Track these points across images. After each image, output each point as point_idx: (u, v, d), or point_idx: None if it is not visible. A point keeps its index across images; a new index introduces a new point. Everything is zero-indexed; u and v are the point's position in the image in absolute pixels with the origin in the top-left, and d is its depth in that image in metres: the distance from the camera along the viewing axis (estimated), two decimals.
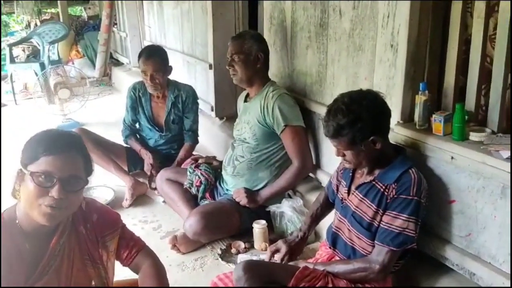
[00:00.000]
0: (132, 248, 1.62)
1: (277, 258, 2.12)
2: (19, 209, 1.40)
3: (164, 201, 3.14)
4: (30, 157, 1.34)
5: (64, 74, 5.13)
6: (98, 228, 1.54)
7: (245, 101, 2.79)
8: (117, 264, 1.65)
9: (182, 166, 3.17)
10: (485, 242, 1.74)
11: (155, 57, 3.19)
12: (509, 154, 1.59)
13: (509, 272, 1.65)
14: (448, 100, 1.96)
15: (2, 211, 1.43)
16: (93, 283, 1.54)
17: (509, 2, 1.65)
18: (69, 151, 1.36)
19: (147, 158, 3.30)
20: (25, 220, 1.39)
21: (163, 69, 3.22)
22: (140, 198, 3.25)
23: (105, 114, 5.38)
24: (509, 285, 1.63)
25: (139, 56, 3.25)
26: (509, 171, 1.57)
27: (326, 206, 2.19)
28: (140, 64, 3.23)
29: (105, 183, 3.35)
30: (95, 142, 3.33)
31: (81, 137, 1.50)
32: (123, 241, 1.61)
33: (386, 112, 1.80)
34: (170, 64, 3.31)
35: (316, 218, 2.22)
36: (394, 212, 1.75)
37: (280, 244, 2.15)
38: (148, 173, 3.30)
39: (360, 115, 1.71)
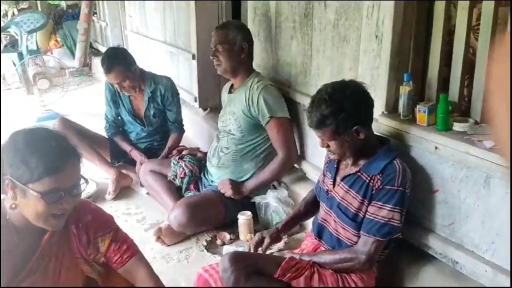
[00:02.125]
0: (124, 253, 1.59)
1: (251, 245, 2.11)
2: (14, 210, 1.37)
3: (147, 193, 3.11)
4: (30, 177, 1.28)
5: (43, 64, 5.05)
6: (91, 229, 1.52)
7: (230, 92, 2.77)
8: None
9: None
10: (468, 231, 1.77)
11: (115, 68, 3.04)
12: (492, 144, 1.61)
13: (492, 260, 1.68)
14: (432, 90, 1.97)
15: None
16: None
17: None
18: (69, 162, 1.34)
19: (141, 159, 3.21)
20: (16, 216, 1.37)
21: (128, 75, 3.09)
22: (124, 190, 3.21)
23: (85, 104, 5.30)
24: (491, 273, 1.66)
25: (101, 65, 3.11)
26: (492, 160, 1.59)
27: (312, 205, 2.18)
28: (104, 74, 3.13)
29: (87, 175, 3.29)
30: (77, 133, 3.27)
31: (66, 135, 1.46)
32: (115, 244, 1.57)
33: (369, 102, 1.81)
34: (146, 63, 3.22)
35: (299, 215, 2.21)
36: (379, 203, 1.76)
37: (261, 234, 2.14)
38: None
39: (343, 105, 1.72)
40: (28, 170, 1.28)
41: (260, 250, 2.10)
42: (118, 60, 3.09)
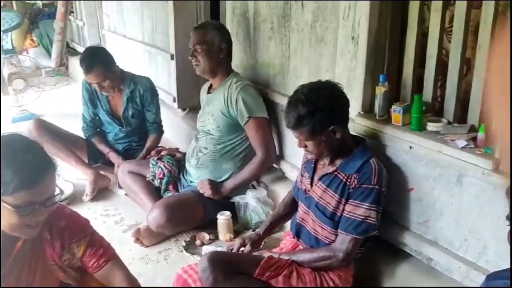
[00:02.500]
0: (101, 257, 1.57)
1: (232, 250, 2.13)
2: None
3: (126, 194, 3.09)
4: (5, 190, 1.26)
5: (19, 64, 4.95)
6: (66, 234, 1.50)
7: (208, 92, 2.77)
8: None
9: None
10: (442, 228, 1.81)
11: (95, 68, 2.99)
12: (465, 143, 1.66)
13: (465, 257, 1.73)
14: (407, 91, 2.01)
15: None
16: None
17: None
18: (46, 175, 1.32)
19: (118, 162, 3.17)
20: None
21: (108, 75, 3.05)
22: (101, 192, 3.17)
23: (62, 105, 5.20)
24: (464, 269, 1.71)
25: (80, 64, 3.06)
26: (465, 159, 1.63)
27: (291, 206, 2.19)
28: (83, 74, 3.08)
29: (64, 176, 3.26)
30: (53, 134, 3.22)
31: (40, 143, 1.44)
32: (91, 249, 1.55)
33: (344, 102, 1.84)
34: (124, 63, 3.18)
35: (279, 218, 2.24)
36: (356, 201, 1.79)
37: (235, 241, 2.17)
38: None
39: (319, 105, 1.75)
40: (3, 183, 1.25)
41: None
42: (99, 59, 3.04)
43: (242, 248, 2.11)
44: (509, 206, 0.94)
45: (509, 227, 0.95)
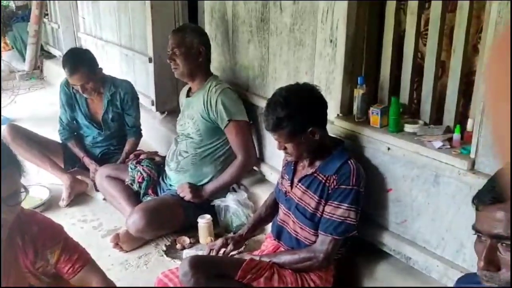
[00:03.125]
0: (76, 262, 1.55)
1: (213, 252, 2.12)
2: None
3: (104, 199, 3.05)
4: None
5: None
6: (39, 241, 1.47)
7: (188, 95, 2.76)
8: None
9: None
10: (420, 228, 1.84)
11: (80, 70, 2.95)
12: (441, 144, 1.69)
13: (443, 255, 1.76)
14: (384, 93, 2.04)
15: None
16: None
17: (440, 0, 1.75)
18: (5, 169, 1.29)
19: (93, 167, 3.14)
20: None
21: (92, 77, 3.01)
22: (79, 196, 3.12)
23: (37, 109, 5.11)
24: (442, 268, 1.74)
25: (63, 66, 3.01)
26: (441, 160, 1.67)
27: (273, 208, 2.20)
28: (67, 75, 3.02)
29: (40, 182, 3.20)
30: (28, 139, 3.16)
31: (5, 143, 1.42)
32: (65, 254, 1.53)
33: (322, 104, 1.86)
34: (100, 66, 3.13)
35: (261, 220, 2.24)
36: (335, 202, 1.81)
37: (217, 240, 2.18)
38: (94, 181, 3.13)
39: (298, 107, 1.77)
40: None
41: (220, 253, 2.10)
42: (83, 61, 3.00)
43: (223, 249, 2.11)
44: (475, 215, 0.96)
45: (476, 236, 0.98)
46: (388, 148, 1.86)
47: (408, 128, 1.86)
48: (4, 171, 1.29)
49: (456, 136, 1.70)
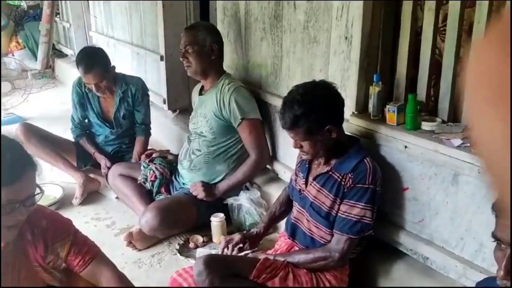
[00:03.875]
0: (86, 255, 1.56)
1: (230, 246, 2.12)
2: None
3: (117, 197, 3.05)
4: None
5: (4, 67, 4.87)
6: (48, 235, 1.48)
7: (200, 94, 2.75)
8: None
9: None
10: (438, 227, 1.81)
11: (94, 69, 2.96)
12: (460, 142, 1.66)
13: (461, 255, 1.73)
14: (400, 91, 2.01)
15: None
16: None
17: None
18: (24, 173, 1.31)
19: (104, 163, 3.15)
20: None
21: (105, 75, 3.02)
22: (92, 195, 3.13)
23: (49, 107, 5.14)
24: (461, 268, 1.71)
25: (77, 64, 3.02)
26: (460, 158, 1.64)
27: (287, 204, 2.18)
28: (81, 74, 3.03)
29: (53, 180, 3.21)
30: (41, 138, 3.18)
31: (20, 143, 1.43)
32: (75, 248, 1.54)
33: (339, 101, 1.84)
34: (112, 64, 3.14)
35: (275, 217, 2.23)
36: (351, 201, 1.79)
37: (234, 235, 2.17)
38: (105, 176, 3.14)
39: (315, 105, 1.74)
40: None
41: (236, 250, 2.09)
42: (97, 60, 3.01)
43: (240, 245, 2.09)
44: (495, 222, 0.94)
45: (495, 243, 0.95)
46: (405, 146, 1.84)
47: (426, 126, 1.83)
48: (24, 174, 1.30)
49: None
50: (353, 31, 2.02)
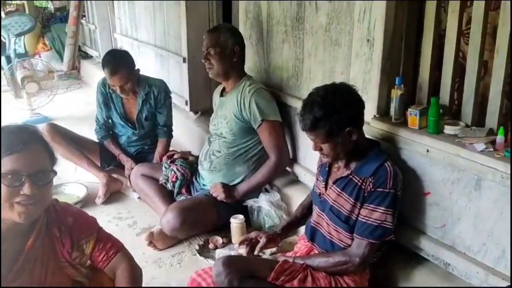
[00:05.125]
0: (109, 250, 1.61)
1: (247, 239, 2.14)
2: None
3: (139, 197, 3.10)
4: None
5: (31, 68, 4.98)
6: (74, 231, 1.52)
7: (221, 95, 2.77)
8: None
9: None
10: (460, 233, 1.78)
11: (120, 71, 3.02)
12: (483, 147, 1.63)
13: (483, 262, 1.70)
14: (423, 94, 1.99)
15: None
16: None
17: None
18: (31, 145, 1.34)
19: (129, 165, 3.20)
20: None
21: (130, 78, 3.08)
22: (114, 195, 3.19)
23: (74, 108, 5.26)
24: (483, 274, 1.68)
25: (103, 66, 3.08)
26: (483, 163, 1.61)
27: (310, 209, 2.17)
28: (106, 76, 3.09)
29: (77, 180, 3.28)
30: (66, 138, 3.25)
31: (38, 129, 1.46)
32: (99, 244, 1.60)
33: (360, 104, 1.83)
34: (137, 66, 3.20)
35: (297, 219, 2.22)
36: (372, 205, 1.77)
37: (257, 233, 2.16)
38: (127, 177, 3.18)
39: (335, 107, 1.74)
40: None
41: (256, 250, 2.10)
42: (123, 62, 3.08)
43: (261, 240, 2.10)
44: None
45: None
46: (427, 150, 1.81)
47: (449, 129, 1.81)
48: (29, 145, 1.32)
49: (500, 138, 1.64)
50: (375, 33, 2.00)
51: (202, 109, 3.90)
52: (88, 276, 1.61)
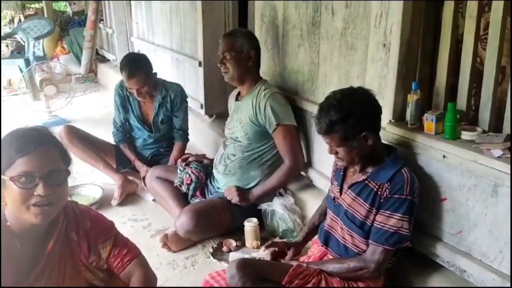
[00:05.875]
0: (125, 256, 1.60)
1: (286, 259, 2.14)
2: (8, 212, 1.37)
3: (154, 199, 3.12)
4: (6, 163, 1.30)
5: (50, 71, 5.07)
6: (91, 236, 1.53)
7: (237, 99, 2.78)
8: None
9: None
10: (476, 240, 1.76)
11: (138, 74, 3.06)
12: (501, 153, 1.62)
13: (500, 269, 1.68)
14: (440, 99, 1.98)
15: None
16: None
17: (501, 1, 1.67)
18: (43, 146, 1.34)
19: (144, 170, 3.22)
20: (16, 222, 1.37)
21: (147, 81, 3.12)
22: (129, 196, 3.22)
23: (91, 111, 5.33)
24: (499, 281, 1.66)
25: (121, 69, 3.13)
26: (501, 169, 1.59)
27: (326, 215, 2.18)
28: (124, 79, 3.14)
29: (93, 181, 3.32)
30: (82, 140, 3.30)
31: (49, 130, 1.46)
32: (115, 250, 1.59)
33: (377, 108, 1.82)
34: (154, 70, 3.23)
35: (315, 226, 2.21)
36: (388, 212, 1.76)
37: (285, 244, 2.18)
38: (142, 179, 3.22)
39: (352, 110, 1.73)
40: (4, 158, 1.30)
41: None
42: (140, 66, 3.12)
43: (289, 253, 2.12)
44: None
45: None
46: (444, 156, 1.80)
47: (466, 135, 1.79)
48: (41, 146, 1.33)
49: None
50: (391, 38, 2.00)
51: (217, 112, 3.92)
52: (105, 280, 1.61)
